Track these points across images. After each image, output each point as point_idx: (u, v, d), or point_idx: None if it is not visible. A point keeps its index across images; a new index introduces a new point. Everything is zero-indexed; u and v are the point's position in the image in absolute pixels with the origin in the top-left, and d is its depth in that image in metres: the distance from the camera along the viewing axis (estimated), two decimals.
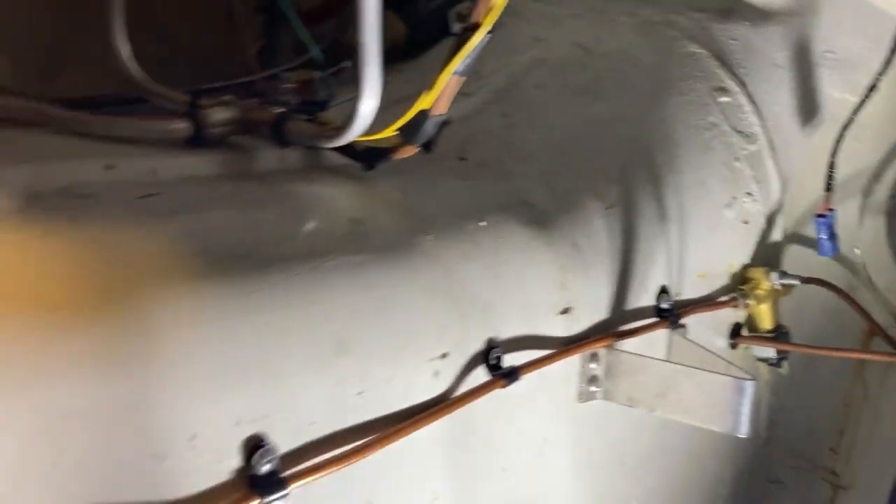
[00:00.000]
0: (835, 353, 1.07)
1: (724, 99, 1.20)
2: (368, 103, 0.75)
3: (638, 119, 1.13)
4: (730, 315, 1.14)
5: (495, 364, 0.83)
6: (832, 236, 1.08)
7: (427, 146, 0.82)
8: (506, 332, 0.86)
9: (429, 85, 0.77)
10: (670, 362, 0.91)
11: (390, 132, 0.81)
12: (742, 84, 1.23)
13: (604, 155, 1.07)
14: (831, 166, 1.09)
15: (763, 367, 1.20)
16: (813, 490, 1.30)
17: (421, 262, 0.79)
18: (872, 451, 1.28)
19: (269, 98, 0.94)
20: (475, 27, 0.76)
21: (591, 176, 1.04)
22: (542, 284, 0.91)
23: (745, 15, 1.27)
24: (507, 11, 0.79)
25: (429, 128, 0.80)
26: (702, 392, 0.87)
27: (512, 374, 0.83)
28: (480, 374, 0.83)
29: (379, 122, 0.80)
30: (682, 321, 1.04)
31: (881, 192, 1.25)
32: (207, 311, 0.61)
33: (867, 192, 1.28)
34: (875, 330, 1.22)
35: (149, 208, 0.69)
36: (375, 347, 0.70)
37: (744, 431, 0.85)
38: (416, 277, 0.77)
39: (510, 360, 0.85)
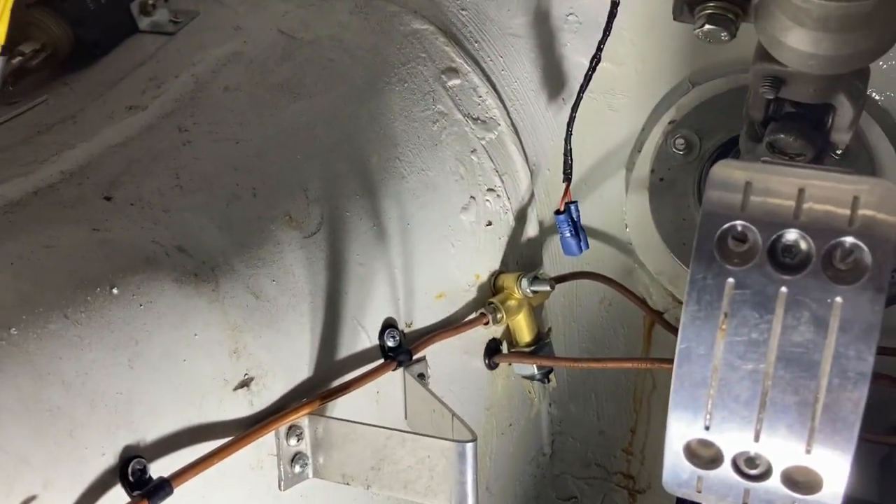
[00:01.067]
0: (597, 365, 0.94)
1: (454, 82, 1.04)
2: None
3: (347, 118, 0.94)
4: (483, 332, 0.99)
5: (138, 479, 0.63)
6: (577, 232, 0.93)
7: None
8: (154, 432, 0.66)
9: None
10: (382, 428, 0.73)
11: None
12: (475, 61, 1.07)
13: (302, 168, 0.88)
14: (567, 153, 0.94)
15: (529, 384, 1.06)
16: (610, 500, 1.19)
17: None
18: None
19: None
20: None
21: (284, 198, 0.85)
22: (206, 356, 0.71)
23: None
24: None
25: None
26: (418, 461, 0.71)
27: (159, 489, 0.63)
28: (117, 498, 0.63)
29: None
30: (419, 355, 0.87)
31: (643, 167, 1.13)
32: None
33: (630, 167, 1.15)
34: (653, 318, 1.11)
35: None
36: None
37: (470, 503, 0.69)
38: None
39: (165, 465, 0.65)
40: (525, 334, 0.99)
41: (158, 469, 0.65)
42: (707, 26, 0.76)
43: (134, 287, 0.69)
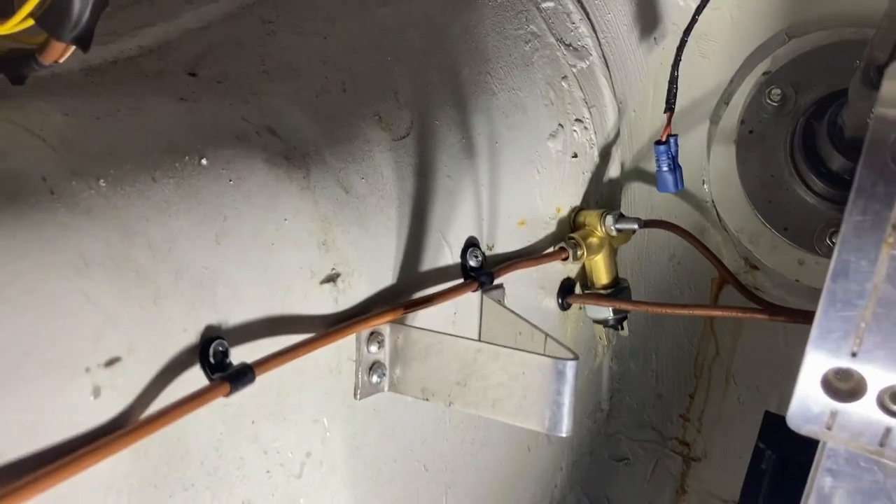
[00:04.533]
0: (679, 311, 0.88)
1: (548, 4, 0.98)
2: None
3: (438, 26, 0.89)
4: (560, 269, 0.93)
5: (219, 362, 0.58)
6: (674, 168, 0.88)
7: (81, 40, 0.54)
8: (237, 315, 0.60)
9: None
10: (473, 340, 0.68)
11: (17, 23, 0.52)
12: None
13: (392, 70, 0.82)
14: (673, 81, 0.88)
15: (600, 330, 1.01)
16: (663, 465, 1.13)
17: (74, 222, 0.51)
18: (725, 417, 1.12)
19: None
20: None
21: (374, 97, 0.79)
22: (295, 244, 0.65)
23: None
24: None
25: (75, 9, 0.52)
26: (511, 378, 0.65)
27: (241, 375, 0.57)
28: (195, 379, 0.57)
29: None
30: (498, 281, 0.82)
31: (730, 119, 1.07)
32: None
33: (715, 119, 1.10)
34: (726, 277, 1.05)
35: None
36: None
37: (564, 429, 0.64)
38: (58, 247, 0.49)
39: (245, 352, 0.60)
40: (603, 276, 0.93)
41: (238, 355, 0.59)
42: None
43: (224, 161, 0.63)
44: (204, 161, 0.62)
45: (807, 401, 0.57)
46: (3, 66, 0.58)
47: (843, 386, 0.57)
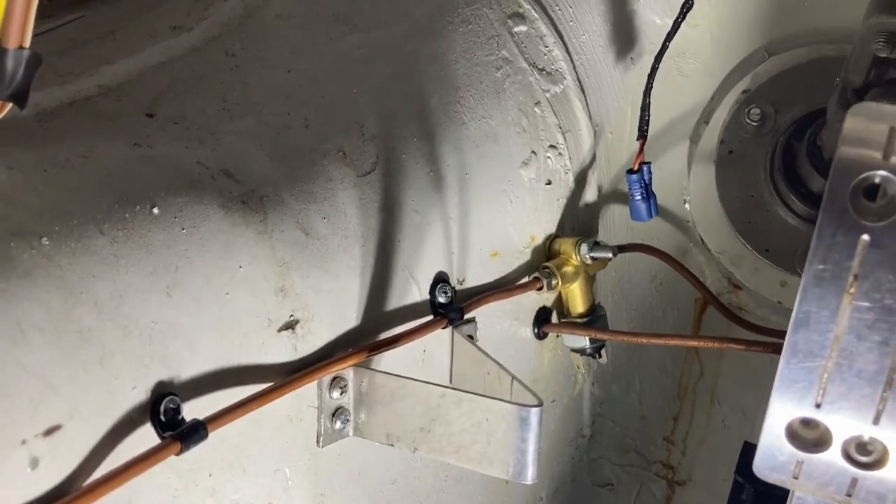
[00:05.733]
0: (656, 341, 0.87)
1: (520, 28, 0.96)
2: None
3: (406, 55, 0.87)
4: (535, 298, 0.92)
5: (171, 420, 0.57)
6: (648, 196, 0.86)
7: (17, 97, 0.52)
8: (190, 369, 0.59)
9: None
10: (437, 385, 0.67)
11: None
12: (543, 9, 0.99)
13: (358, 102, 0.81)
14: (645, 108, 0.87)
15: (578, 359, 0.99)
16: (647, 490, 1.12)
17: (13, 286, 0.50)
18: (709, 439, 1.11)
19: None
20: None
21: (338, 132, 0.77)
22: (251, 292, 0.64)
23: None
24: None
25: (9, 69, 0.50)
26: (474, 424, 0.64)
27: (193, 431, 0.56)
28: (145, 438, 0.56)
29: None
30: (470, 315, 0.81)
31: (710, 138, 1.06)
32: None
33: (695, 138, 1.08)
34: (708, 300, 1.04)
35: None
36: None
37: (529, 477, 0.62)
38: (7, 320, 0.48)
39: (199, 406, 0.59)
40: (579, 304, 0.92)
41: (192, 410, 0.58)
42: None
43: (176, 209, 0.62)
44: (156, 210, 0.61)
45: (772, 450, 0.56)
46: None
47: (809, 435, 0.55)
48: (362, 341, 0.71)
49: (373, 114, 0.81)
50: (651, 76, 0.86)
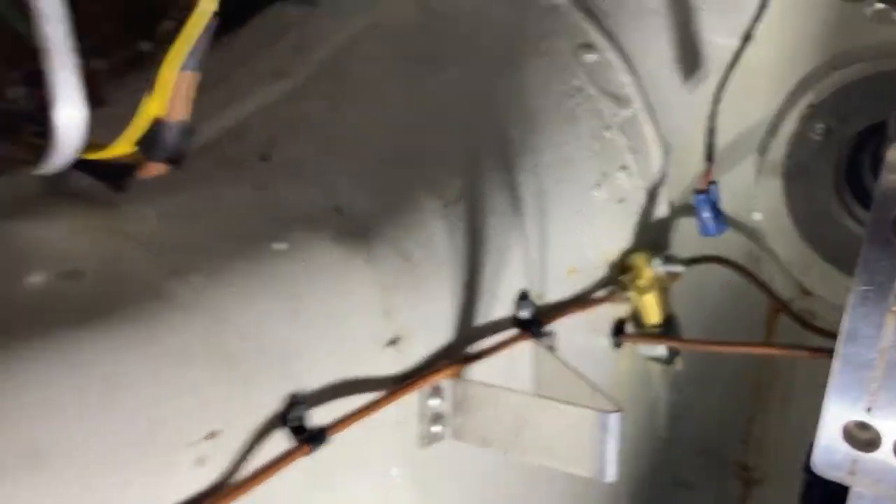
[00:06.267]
0: (730, 349, 0.93)
1: (590, 57, 1.04)
2: (66, 113, 0.56)
3: (487, 91, 0.96)
4: (612, 311, 0.99)
5: (300, 426, 0.67)
6: (716, 214, 0.92)
7: (174, 160, 0.63)
8: (313, 382, 0.69)
9: (149, 85, 0.58)
10: (524, 393, 0.75)
11: (124, 148, 0.62)
12: (611, 38, 1.06)
13: (444, 139, 0.90)
14: (710, 132, 0.93)
15: (654, 366, 1.06)
16: (724, 489, 1.17)
17: (175, 317, 0.60)
18: (785, 438, 1.16)
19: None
20: (186, 12, 0.57)
21: (427, 167, 0.87)
22: (361, 314, 0.73)
23: None
24: None
25: (168, 139, 0.61)
26: (559, 428, 0.72)
27: (320, 435, 0.66)
28: (281, 442, 0.66)
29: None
30: (549, 328, 0.89)
31: (777, 151, 1.11)
32: None
33: (763, 150, 1.13)
34: (779, 308, 1.09)
35: None
36: (91, 451, 0.53)
37: (609, 475, 0.70)
38: (163, 342, 0.59)
39: (322, 414, 0.69)
40: (653, 315, 0.99)
41: (317, 417, 0.68)
42: (878, 5, 0.73)
43: (296, 244, 0.72)
44: (280, 246, 0.71)
45: (829, 449, 0.62)
46: (106, 176, 0.68)
47: (863, 436, 0.61)
48: (455, 354, 0.80)
49: (457, 148, 0.90)
50: (715, 102, 0.93)
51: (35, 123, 0.66)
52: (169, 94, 0.58)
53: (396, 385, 0.74)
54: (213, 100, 0.91)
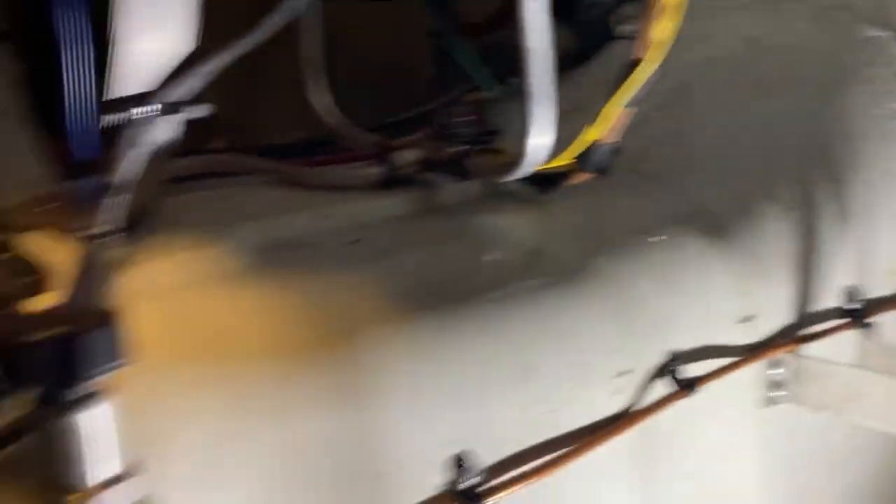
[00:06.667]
0: None
1: None
2: (540, 140, 0.80)
3: (814, 114, 1.11)
4: None
5: (675, 376, 0.87)
6: None
7: (602, 171, 0.86)
8: (685, 344, 0.89)
9: (593, 116, 0.82)
10: (858, 367, 0.90)
11: (564, 160, 0.86)
12: None
13: (779, 155, 1.07)
14: None
15: None
16: None
17: (596, 285, 0.84)
18: None
19: (446, 131, 1.01)
20: (636, 62, 0.79)
21: (766, 178, 1.04)
22: (721, 294, 0.93)
23: None
24: None
25: (602, 157, 0.84)
26: (886, 399, 0.87)
27: (692, 385, 0.86)
28: (661, 386, 0.87)
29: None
30: (871, 320, 1.02)
31: None
32: (413, 347, 0.70)
33: None
34: None
35: (355, 254, 0.79)
36: (558, 370, 0.77)
37: None
38: (592, 301, 0.82)
39: (691, 370, 0.89)
40: None
41: (686, 371, 0.88)
42: None
43: (671, 237, 0.93)
44: (656, 238, 0.93)
45: None
46: (537, 183, 0.93)
47: None
48: (793, 334, 0.96)
49: (788, 163, 1.06)
50: None
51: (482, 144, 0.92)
52: (610, 125, 0.81)
53: (747, 354, 0.92)
54: (570, 126, 1.15)
